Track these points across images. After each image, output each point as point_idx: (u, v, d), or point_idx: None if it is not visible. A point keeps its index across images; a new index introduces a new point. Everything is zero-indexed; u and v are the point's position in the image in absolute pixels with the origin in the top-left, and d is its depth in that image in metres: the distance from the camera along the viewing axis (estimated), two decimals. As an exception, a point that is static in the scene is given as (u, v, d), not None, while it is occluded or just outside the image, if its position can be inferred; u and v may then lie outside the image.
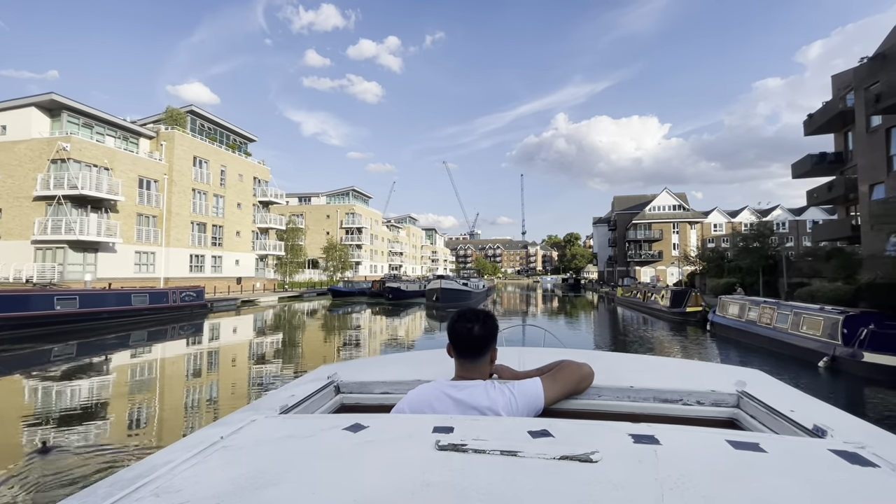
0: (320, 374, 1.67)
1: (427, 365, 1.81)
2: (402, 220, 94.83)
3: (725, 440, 0.87)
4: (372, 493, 0.69)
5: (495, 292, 58.76)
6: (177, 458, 0.85)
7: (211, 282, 32.82)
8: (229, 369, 11.60)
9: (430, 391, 1.28)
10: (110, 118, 27.25)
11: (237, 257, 36.69)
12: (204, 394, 9.12)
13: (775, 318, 12.21)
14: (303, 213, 63.21)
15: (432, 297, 30.01)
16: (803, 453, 0.85)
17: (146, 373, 10.99)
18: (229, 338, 17.25)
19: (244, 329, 19.90)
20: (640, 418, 1.30)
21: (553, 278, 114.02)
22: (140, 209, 27.94)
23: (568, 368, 1.40)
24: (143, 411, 7.67)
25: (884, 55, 21.28)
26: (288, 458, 0.84)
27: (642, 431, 0.90)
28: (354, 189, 65.35)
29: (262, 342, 16.04)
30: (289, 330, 19.27)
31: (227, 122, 37.42)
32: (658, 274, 51.79)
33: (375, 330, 20.12)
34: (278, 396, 1.40)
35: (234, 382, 10.11)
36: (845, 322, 9.66)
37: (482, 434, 0.89)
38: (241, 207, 37.51)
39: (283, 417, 1.16)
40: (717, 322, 15.63)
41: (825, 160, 29.67)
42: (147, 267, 28.39)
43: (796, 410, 1.18)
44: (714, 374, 1.66)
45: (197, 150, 32.54)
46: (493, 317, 1.40)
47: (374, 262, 68.47)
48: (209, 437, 0.97)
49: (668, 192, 55.66)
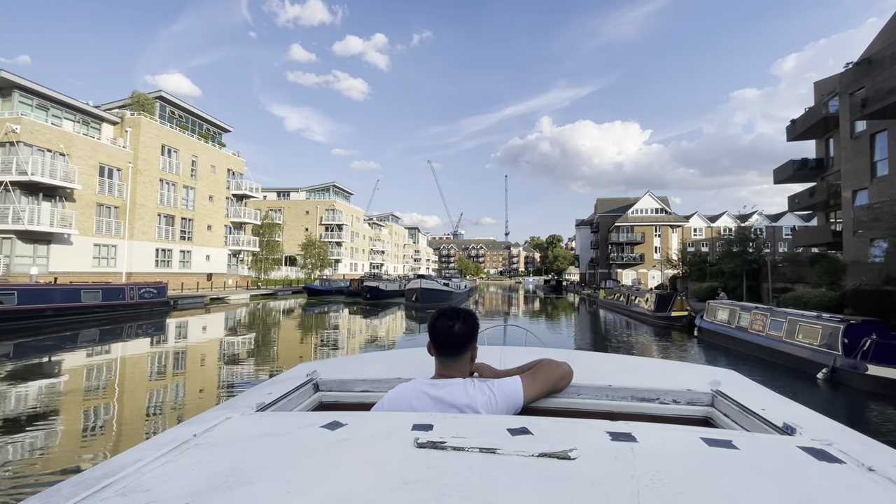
0: (299, 372, 1.64)
1: (408, 363, 1.79)
2: (385, 218, 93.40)
3: (700, 438, 0.89)
4: (349, 491, 0.68)
5: (477, 293, 58.08)
6: (146, 457, 0.82)
7: (179, 278, 31.13)
8: (184, 374, 10.41)
9: (410, 390, 1.27)
10: (68, 100, 25.38)
11: (208, 252, 34.98)
12: (151, 401, 8.00)
13: (768, 325, 11.63)
14: (281, 209, 61.37)
15: (412, 298, 29.00)
16: (773, 450, 0.87)
17: (89, 378, 9.71)
18: (190, 338, 15.92)
19: (209, 329, 18.54)
20: (618, 417, 1.31)
21: (535, 279, 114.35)
22: (100, 199, 26.14)
23: (547, 367, 1.41)
24: (77, 422, 6.49)
25: (869, 60, 21.20)
26: (263, 456, 0.82)
27: (620, 429, 0.91)
28: (335, 185, 63.74)
29: (226, 344, 14.80)
30: (257, 330, 18.01)
31: (199, 111, 35.64)
32: (639, 277, 51.85)
33: (351, 331, 19.02)
34: (255, 394, 1.37)
35: (189, 389, 8.96)
36: (846, 331, 9.08)
37: (461, 432, 0.89)
38: (214, 200, 35.79)
39: (259, 415, 1.12)
40: (705, 328, 15.07)
41: (807, 166, 29.82)
42: (107, 261, 26.60)
43: (767, 409, 1.20)
44: (690, 374, 1.66)
45: (166, 139, 30.76)
46: (474, 315, 1.40)
47: (354, 261, 67.00)
48: (181, 435, 0.94)
49: (650, 196, 55.84)
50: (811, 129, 28.59)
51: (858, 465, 0.80)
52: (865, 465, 0.79)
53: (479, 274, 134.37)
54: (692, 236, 62.53)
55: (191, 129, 34.59)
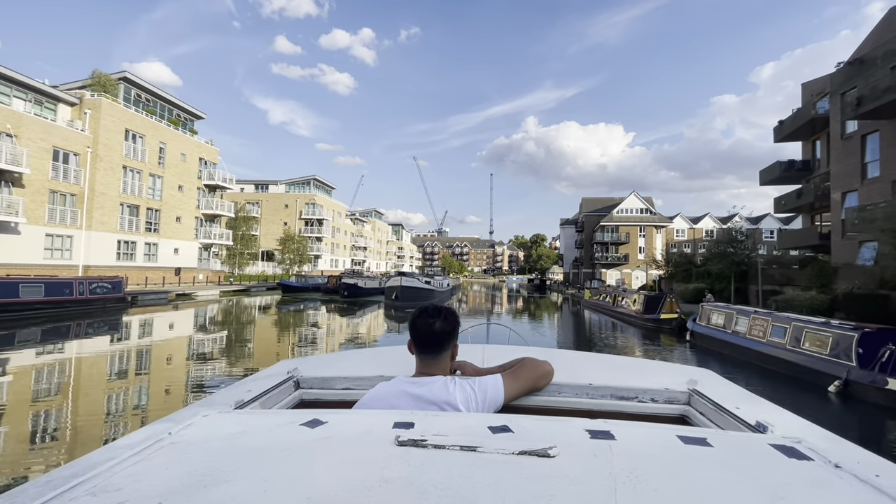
0: (279, 369, 1.61)
1: (390, 361, 1.77)
2: (368, 213, 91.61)
3: (676, 436, 0.90)
4: (328, 489, 0.68)
5: (461, 291, 57.11)
6: (119, 456, 0.80)
7: (143, 272, 29.25)
8: (128, 380, 9.03)
9: (391, 388, 1.27)
10: (19, 76, 23.31)
11: (176, 245, 33.05)
12: (83, 412, 6.67)
13: (769, 330, 10.83)
14: (259, 202, 59.10)
15: (391, 296, 27.76)
16: (745, 448, 0.89)
17: (13, 385, 8.26)
18: (143, 338, 14.40)
19: (167, 328, 17.01)
20: (598, 415, 1.30)
21: (519, 278, 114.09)
22: (54, 185, 24.14)
23: (529, 365, 1.42)
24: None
25: (861, 60, 20.79)
26: (240, 455, 0.81)
27: (598, 427, 0.91)
28: (316, 178, 61.83)
29: (182, 345, 13.37)
30: (220, 330, 16.57)
31: (169, 95, 33.60)
32: (623, 277, 51.57)
33: (324, 332, 17.71)
34: (234, 391, 1.35)
35: (130, 397, 7.62)
36: (861, 340, 8.26)
37: (442, 429, 0.89)
38: (184, 190, 33.84)
39: (237, 413, 1.11)
40: (699, 332, 14.28)
41: (793, 167, 29.60)
42: (62, 253, 24.62)
43: (741, 407, 1.23)
44: (668, 373, 1.66)
45: (130, 123, 28.76)
46: (455, 313, 1.40)
47: (335, 257, 65.24)
48: (156, 432, 0.92)
49: (636, 196, 55.64)
50: (798, 130, 28.32)
51: (826, 461, 0.81)
52: (832, 462, 0.81)
53: (464, 272, 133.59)
54: (675, 237, 62.74)
55: (159, 115, 32.56)
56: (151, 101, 32.21)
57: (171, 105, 34.03)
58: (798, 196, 26.89)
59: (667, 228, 57.46)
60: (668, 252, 36.07)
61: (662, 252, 52.08)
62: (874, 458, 0.87)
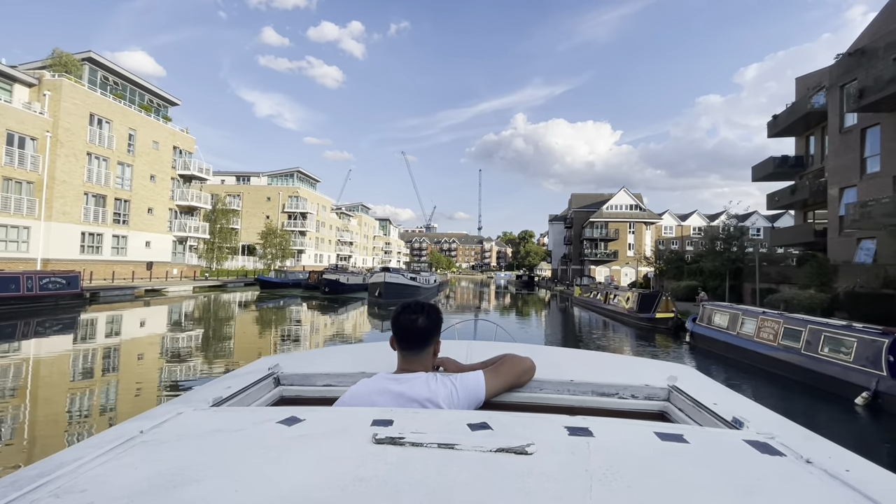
0: (260, 366, 1.59)
1: (372, 357, 1.75)
2: (354, 208, 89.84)
3: (654, 432, 0.90)
4: (300, 488, 0.67)
5: (448, 287, 56.04)
6: (86, 455, 0.78)
7: (111, 266, 27.52)
8: (71, 386, 7.70)
9: (372, 385, 1.26)
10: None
11: (148, 238, 31.29)
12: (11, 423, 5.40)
13: (780, 333, 9.94)
14: (240, 194, 57.23)
15: (375, 292, 26.53)
16: (721, 444, 0.89)
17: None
18: (98, 339, 12.95)
19: (126, 327, 15.56)
20: (578, 411, 1.33)
21: (507, 275, 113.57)
22: (8, 172, 22.32)
23: (510, 362, 1.42)
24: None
25: (863, 51, 20.11)
26: (213, 454, 0.79)
27: (577, 424, 0.92)
28: (300, 170, 59.98)
29: (137, 347, 12.02)
30: (184, 330, 15.20)
31: (140, 79, 31.70)
32: (612, 274, 51.03)
33: (299, 332, 16.45)
34: (212, 388, 1.33)
35: (66, 406, 6.32)
36: (893, 347, 7.35)
37: (421, 427, 0.88)
38: (156, 180, 32.04)
39: (213, 410, 1.09)
40: (699, 333, 13.40)
41: (787, 163, 29.10)
42: (17, 245, 22.85)
43: (719, 404, 1.23)
44: (649, 369, 1.66)
45: (95, 107, 26.90)
46: (438, 309, 1.40)
47: (319, 252, 63.58)
48: (127, 431, 0.90)
49: (625, 192, 55.05)
50: (793, 125, 27.77)
51: (798, 457, 0.83)
52: (804, 458, 0.82)
53: (451, 268, 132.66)
54: (663, 234, 62.49)
55: (129, 99, 30.67)
56: (120, 85, 30.28)
57: (142, 89, 32.11)
58: (792, 192, 26.32)
59: (655, 225, 57.10)
60: (659, 249, 35.39)
61: (652, 249, 51.67)
62: (846, 453, 0.89)
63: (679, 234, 69.78)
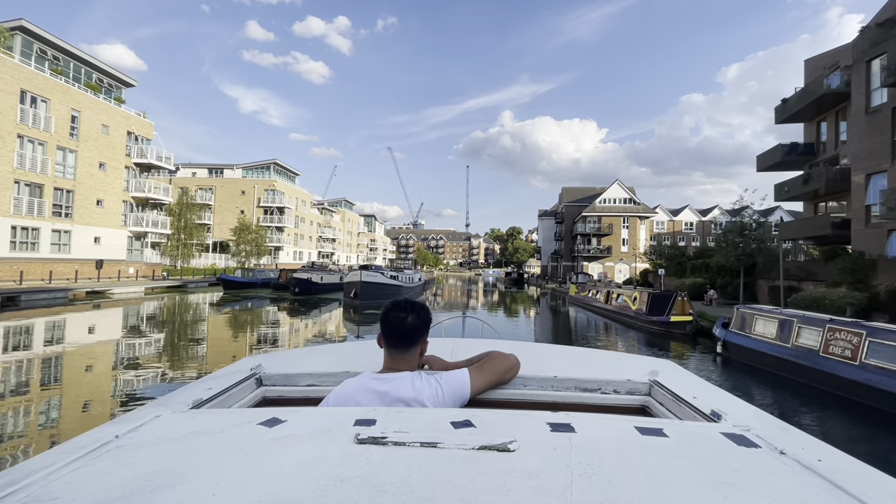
0: (242, 366, 1.54)
1: (357, 356, 1.72)
2: (337, 203, 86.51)
3: (634, 427, 0.91)
4: (280, 490, 0.66)
5: (434, 285, 53.43)
6: (59, 462, 0.75)
7: (49, 265, 24.23)
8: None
9: (356, 384, 1.24)
10: None
11: (97, 233, 27.99)
12: None
13: (864, 350, 7.53)
14: (213, 188, 53.69)
15: (350, 293, 23.81)
16: (699, 437, 0.90)
17: None
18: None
19: (35, 340, 12.59)
20: (562, 407, 1.33)
21: (496, 272, 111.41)
22: (-87, 155, 18.97)
23: (495, 359, 1.41)
24: None
25: (893, 20, 17.96)
26: (191, 457, 0.77)
27: (560, 420, 0.92)
28: (277, 162, 56.61)
29: (35, 366, 9.12)
30: (108, 342, 12.29)
31: (86, 54, 28.27)
32: (606, 270, 48.96)
33: (240, 350, 13.65)
34: (192, 390, 1.29)
35: None
36: None
37: (404, 426, 0.88)
38: (106, 169, 28.70)
39: (193, 413, 1.06)
40: (736, 343, 11.01)
41: (796, 151, 27.14)
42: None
43: (698, 397, 1.23)
44: (631, 364, 1.65)
45: (28, 83, 23.53)
46: (427, 308, 1.38)
47: (299, 249, 60.35)
48: (102, 436, 0.87)
49: (619, 185, 52.97)
50: (803, 110, 25.75)
51: (772, 448, 0.84)
52: (778, 449, 0.84)
53: (439, 265, 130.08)
54: (654, 229, 60.75)
55: (73, 77, 27.28)
56: (60, 60, 26.85)
57: (89, 66, 28.67)
58: (805, 181, 24.23)
59: (651, 219, 55.21)
60: (660, 244, 33.24)
61: (647, 243, 49.71)
62: (818, 443, 0.90)
63: (671, 230, 68.23)
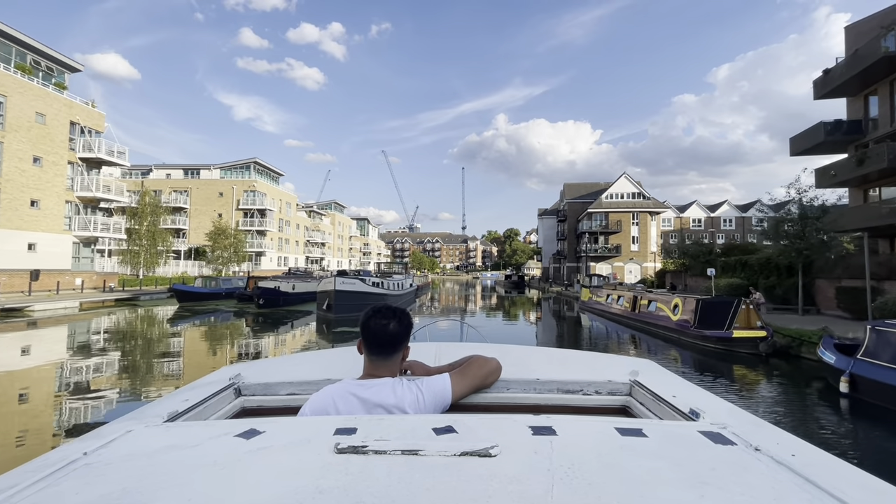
0: (221, 376, 1.50)
1: (338, 363, 1.71)
2: (327, 206, 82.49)
3: (614, 428, 0.91)
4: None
5: (429, 291, 49.49)
6: (23, 482, 0.71)
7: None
8: None
9: (336, 391, 1.22)
10: None
11: (32, 239, 24.00)
12: None
13: None
14: (188, 189, 49.69)
15: (323, 304, 19.92)
16: (677, 436, 0.91)
17: None
18: None
19: None
20: (544, 409, 1.34)
21: (494, 274, 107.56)
22: None
23: (476, 363, 1.39)
24: None
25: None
26: (164, 473, 0.74)
27: (541, 423, 0.92)
28: (257, 161, 52.61)
29: None
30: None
31: (16, 31, 24.30)
32: (615, 271, 45.17)
33: (161, 392, 9.79)
34: (168, 402, 1.24)
35: None
36: None
37: (385, 434, 0.87)
38: (43, 164, 24.74)
39: (167, 426, 1.02)
40: (873, 380, 7.16)
41: (840, 129, 23.49)
42: None
43: (677, 396, 1.24)
44: (612, 365, 1.65)
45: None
46: (408, 314, 1.37)
47: (284, 254, 56.35)
48: (70, 453, 0.82)
49: (626, 178, 49.15)
50: (847, 83, 22.16)
51: (747, 445, 0.85)
52: (753, 446, 0.85)
53: (435, 269, 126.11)
54: (661, 227, 57.13)
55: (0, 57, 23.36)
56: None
57: (20, 46, 24.72)
58: (859, 163, 20.54)
59: (662, 215, 51.51)
60: (683, 239, 29.44)
61: (658, 241, 45.94)
62: (792, 439, 0.91)
63: (678, 227, 64.58)
